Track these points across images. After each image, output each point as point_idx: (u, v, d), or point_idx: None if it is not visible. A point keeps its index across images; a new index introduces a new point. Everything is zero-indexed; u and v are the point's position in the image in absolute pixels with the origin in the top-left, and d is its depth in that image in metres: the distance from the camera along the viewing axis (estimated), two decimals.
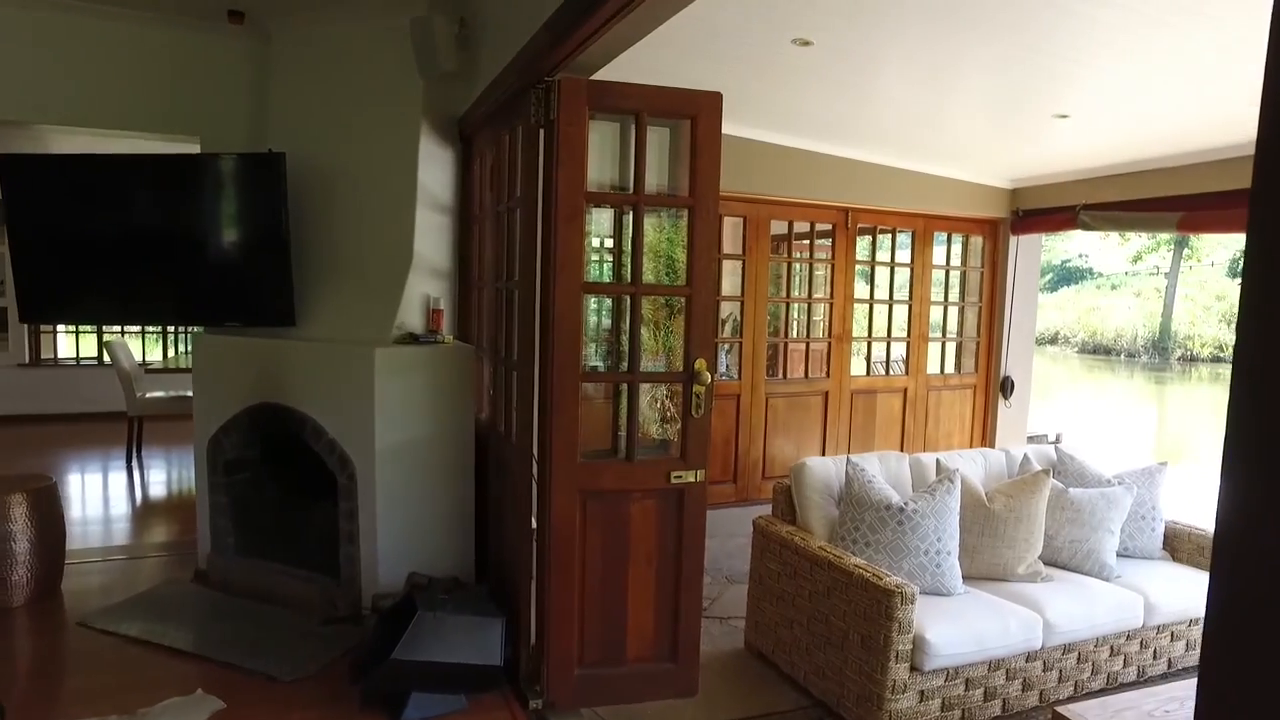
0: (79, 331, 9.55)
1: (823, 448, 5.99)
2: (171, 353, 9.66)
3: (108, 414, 7.97)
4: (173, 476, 6.55)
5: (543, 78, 2.80)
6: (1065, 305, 28.58)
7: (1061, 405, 16.53)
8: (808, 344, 6.35)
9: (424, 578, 3.51)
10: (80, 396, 8.50)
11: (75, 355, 9.53)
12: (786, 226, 5.95)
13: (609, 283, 3.75)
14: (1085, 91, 3.94)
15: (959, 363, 6.72)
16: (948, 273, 6.88)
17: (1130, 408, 17.77)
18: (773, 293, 6.28)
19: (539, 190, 2.90)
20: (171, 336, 9.90)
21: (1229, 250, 28.52)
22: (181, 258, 3.92)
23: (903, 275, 6.38)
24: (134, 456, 6.77)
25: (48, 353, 9.11)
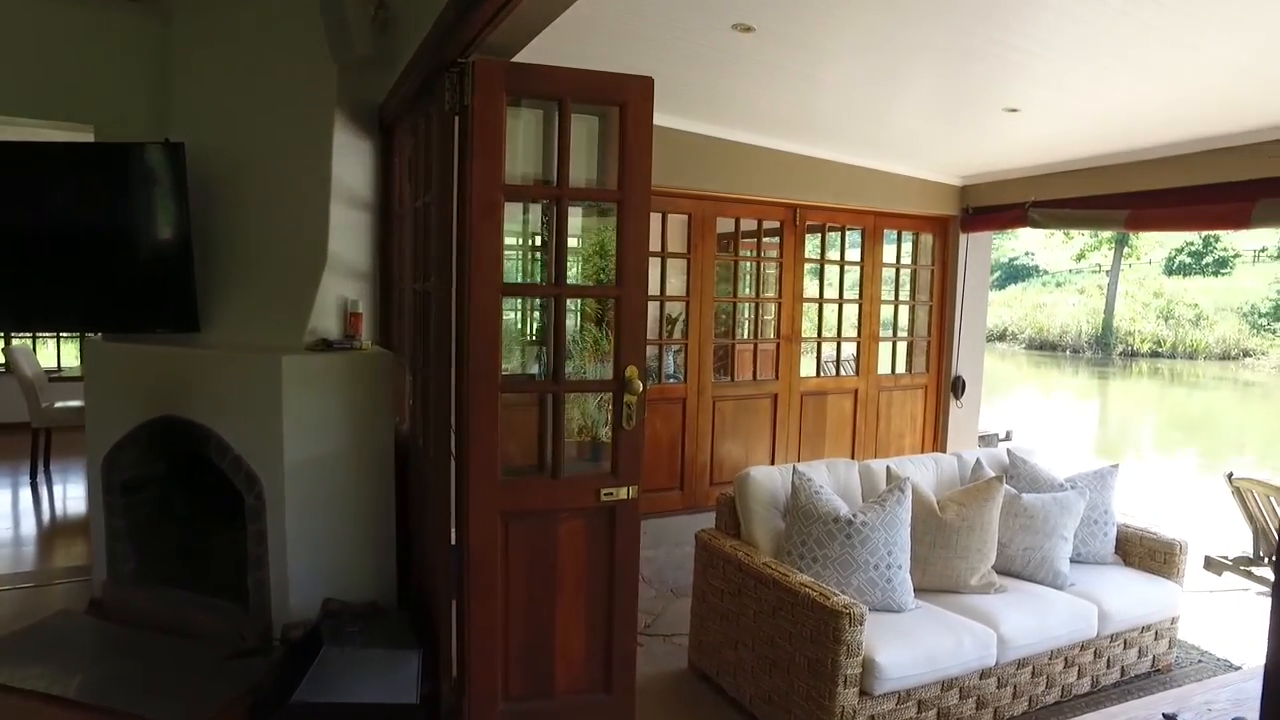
0: None
1: (772, 451, 5.82)
2: None
3: (14, 425, 7.42)
4: (86, 494, 6.10)
5: (455, 59, 2.55)
6: (1013, 302, 29.08)
7: (1011, 402, 16.74)
8: (756, 345, 6.19)
9: (340, 604, 3.24)
10: None
11: None
12: (733, 224, 5.77)
13: (529, 283, 3.51)
14: (1035, 84, 3.81)
15: (910, 362, 6.62)
16: (898, 271, 6.78)
17: (1076, 403, 18.09)
18: (721, 292, 6.10)
19: (454, 183, 2.65)
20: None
21: (1165, 249, 29.35)
22: (73, 257, 3.57)
23: (853, 274, 6.25)
24: (39, 472, 6.30)
25: None
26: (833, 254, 6.13)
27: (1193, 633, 4.07)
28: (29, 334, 8.51)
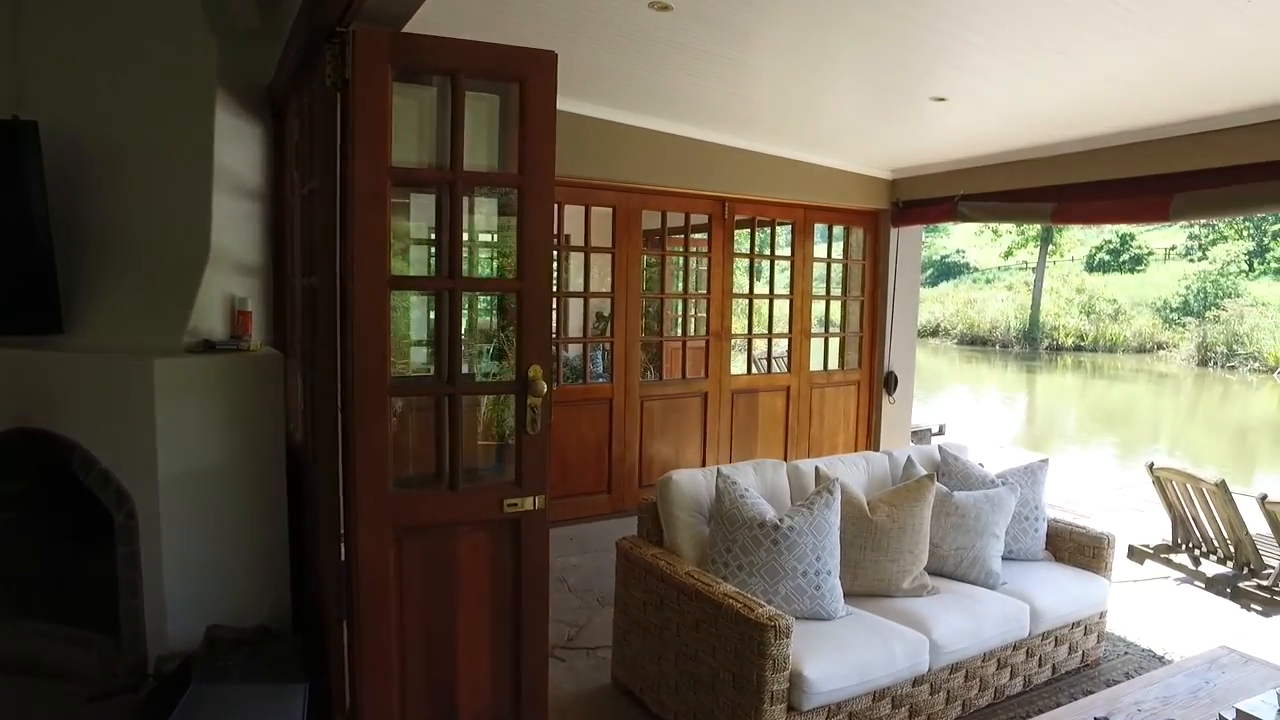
0: None
1: (703, 451, 5.67)
2: None
3: None
4: None
5: (335, 29, 2.30)
6: (945, 299, 29.71)
7: (943, 397, 17.04)
8: (685, 342, 6.03)
9: (226, 631, 2.94)
10: None
11: None
12: (660, 218, 5.59)
13: (418, 276, 3.26)
14: (964, 72, 3.72)
15: (842, 358, 6.55)
16: (829, 266, 6.69)
17: (1004, 396, 18.53)
18: (649, 289, 5.92)
19: (338, 167, 2.39)
20: None
21: (1086, 247, 30.41)
22: None
23: (784, 269, 6.14)
24: None
25: None
26: (763, 249, 6.01)
27: (1118, 624, 4.05)
28: None
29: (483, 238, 4.29)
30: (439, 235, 2.41)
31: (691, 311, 6.99)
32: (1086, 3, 2.80)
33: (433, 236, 3.82)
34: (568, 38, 3.49)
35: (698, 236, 5.93)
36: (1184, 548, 5.13)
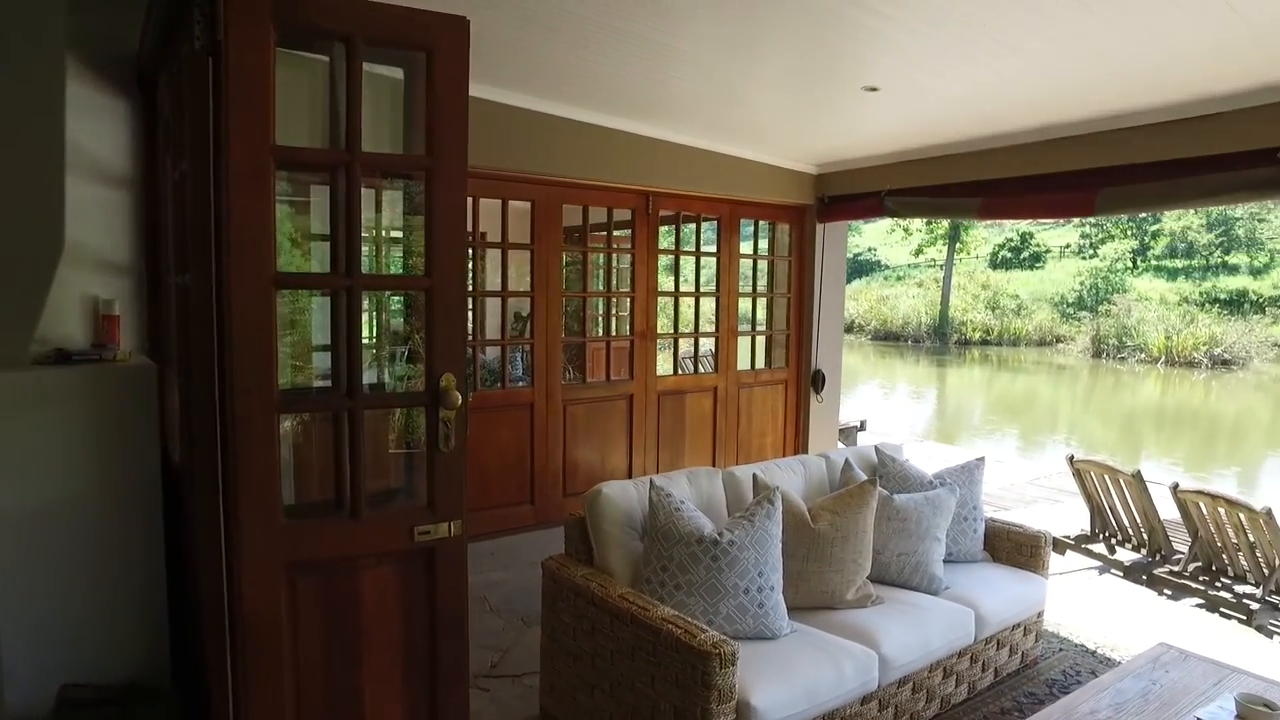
0: None
1: (629, 455, 5.43)
2: None
3: None
4: None
5: None
6: (859, 296, 30.43)
7: (861, 392, 17.35)
8: (609, 342, 5.77)
9: (86, 691, 2.52)
10: None
11: None
12: (582, 213, 5.33)
13: (308, 273, 2.91)
14: (897, 58, 3.58)
15: (769, 357, 6.42)
16: (755, 263, 6.56)
17: (915, 391, 19.02)
18: (570, 287, 5.65)
19: (211, 145, 2.03)
20: None
21: (990, 245, 31.68)
22: None
23: (709, 266, 5.97)
24: None
25: None
26: (688, 245, 5.82)
27: (1050, 618, 4.02)
28: None
29: (393, 234, 3.93)
30: (334, 227, 2.08)
31: (615, 310, 6.74)
32: None
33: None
34: (479, 14, 3.18)
35: (620, 233, 5.69)
36: (1101, 537, 5.21)
